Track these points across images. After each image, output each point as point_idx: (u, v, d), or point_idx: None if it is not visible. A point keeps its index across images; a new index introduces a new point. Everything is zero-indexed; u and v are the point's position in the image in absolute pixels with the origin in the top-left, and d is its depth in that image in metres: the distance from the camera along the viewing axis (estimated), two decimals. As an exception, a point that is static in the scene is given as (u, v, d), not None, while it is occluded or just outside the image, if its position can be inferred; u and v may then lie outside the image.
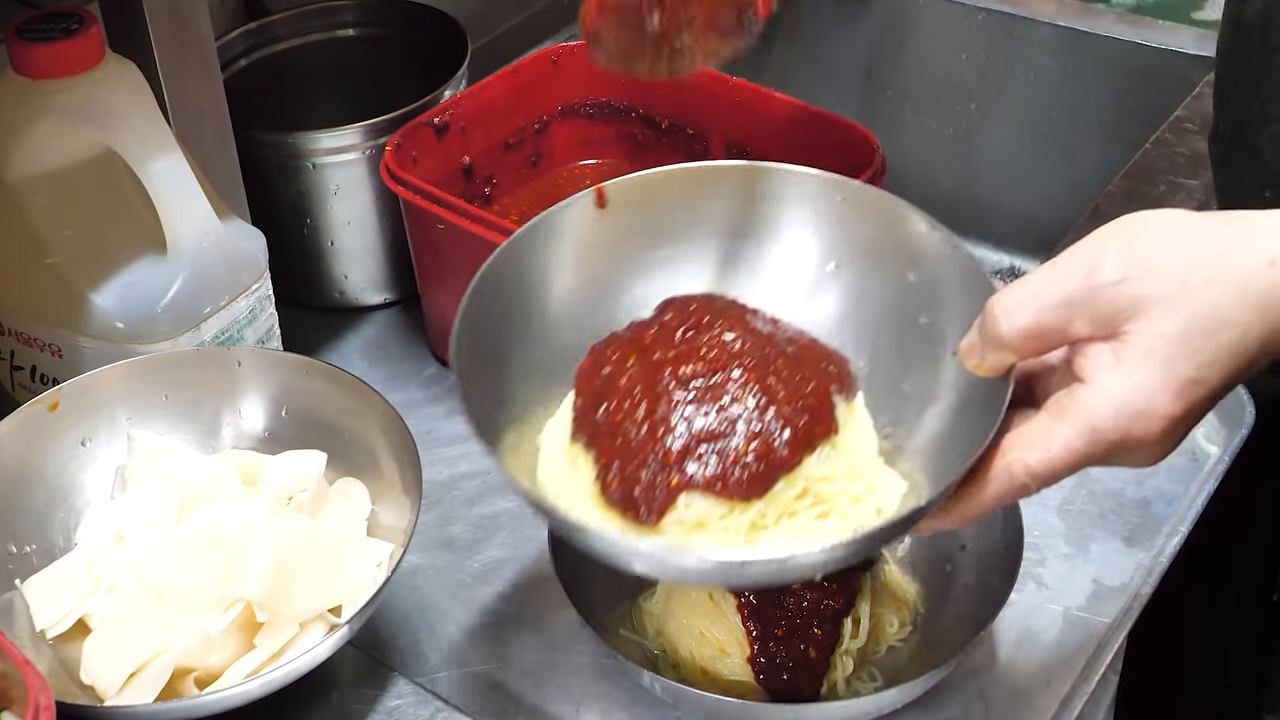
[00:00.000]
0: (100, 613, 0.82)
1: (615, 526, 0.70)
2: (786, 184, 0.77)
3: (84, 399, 0.89)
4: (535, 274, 0.76)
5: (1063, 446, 0.63)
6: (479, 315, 0.72)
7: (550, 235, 0.76)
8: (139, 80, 0.90)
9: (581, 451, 0.72)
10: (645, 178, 0.78)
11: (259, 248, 0.96)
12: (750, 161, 0.78)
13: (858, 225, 0.76)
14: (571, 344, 0.75)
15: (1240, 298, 0.60)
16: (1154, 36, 1.42)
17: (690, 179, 0.78)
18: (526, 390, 0.75)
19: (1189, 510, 0.96)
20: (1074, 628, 0.89)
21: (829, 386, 0.71)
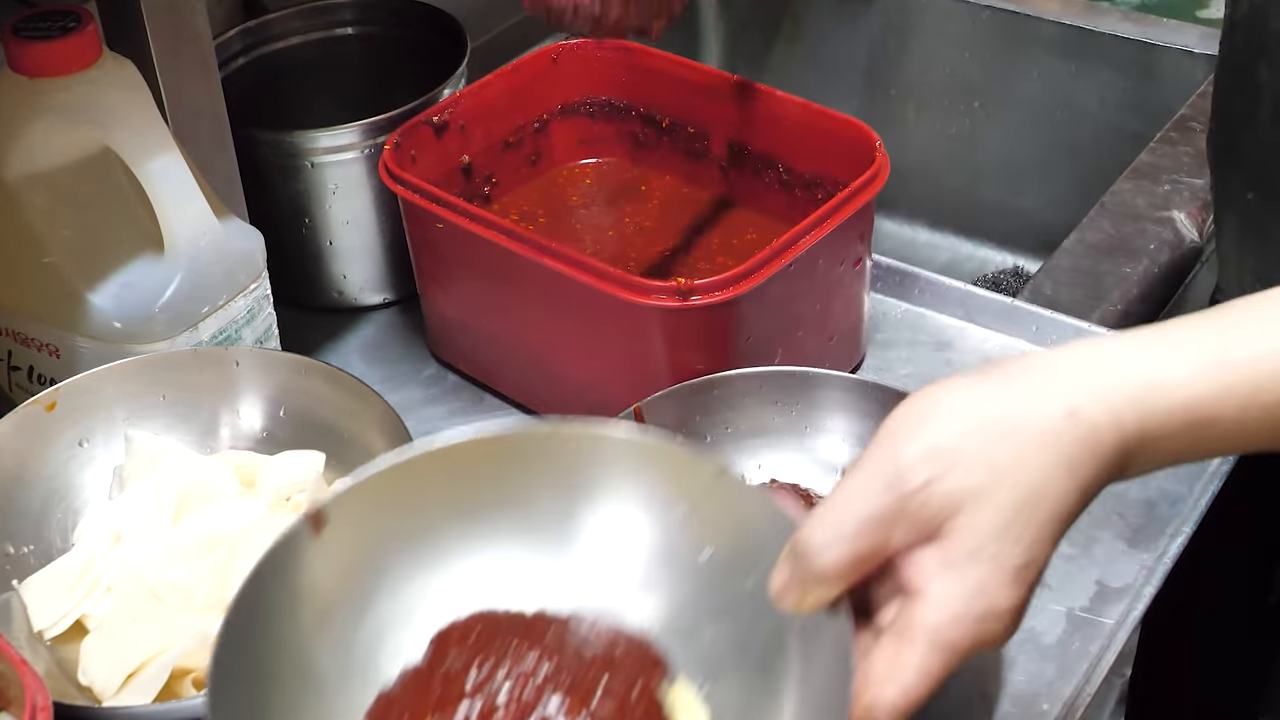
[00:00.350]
0: (98, 613, 0.82)
1: None
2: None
3: (81, 399, 0.89)
4: (276, 626, 0.63)
5: (918, 672, 0.58)
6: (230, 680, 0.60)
7: (275, 579, 0.64)
8: (136, 79, 0.90)
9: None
10: (365, 483, 0.65)
11: (257, 247, 0.96)
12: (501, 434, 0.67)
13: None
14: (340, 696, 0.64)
15: (1049, 464, 0.57)
16: (1159, 34, 1.42)
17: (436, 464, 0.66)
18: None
19: (1192, 511, 0.96)
20: (1077, 629, 0.89)
21: (652, 683, 0.63)
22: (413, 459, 0.66)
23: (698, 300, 0.92)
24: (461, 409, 1.09)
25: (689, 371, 0.95)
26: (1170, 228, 1.21)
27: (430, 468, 0.66)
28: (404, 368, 1.13)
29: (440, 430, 1.06)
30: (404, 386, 1.11)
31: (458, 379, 1.11)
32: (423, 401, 1.09)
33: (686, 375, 0.95)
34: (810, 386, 0.95)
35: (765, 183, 1.10)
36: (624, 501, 0.67)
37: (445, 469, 0.67)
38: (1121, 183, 1.25)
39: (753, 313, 0.95)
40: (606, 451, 0.67)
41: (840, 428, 0.95)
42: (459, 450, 0.66)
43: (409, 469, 0.66)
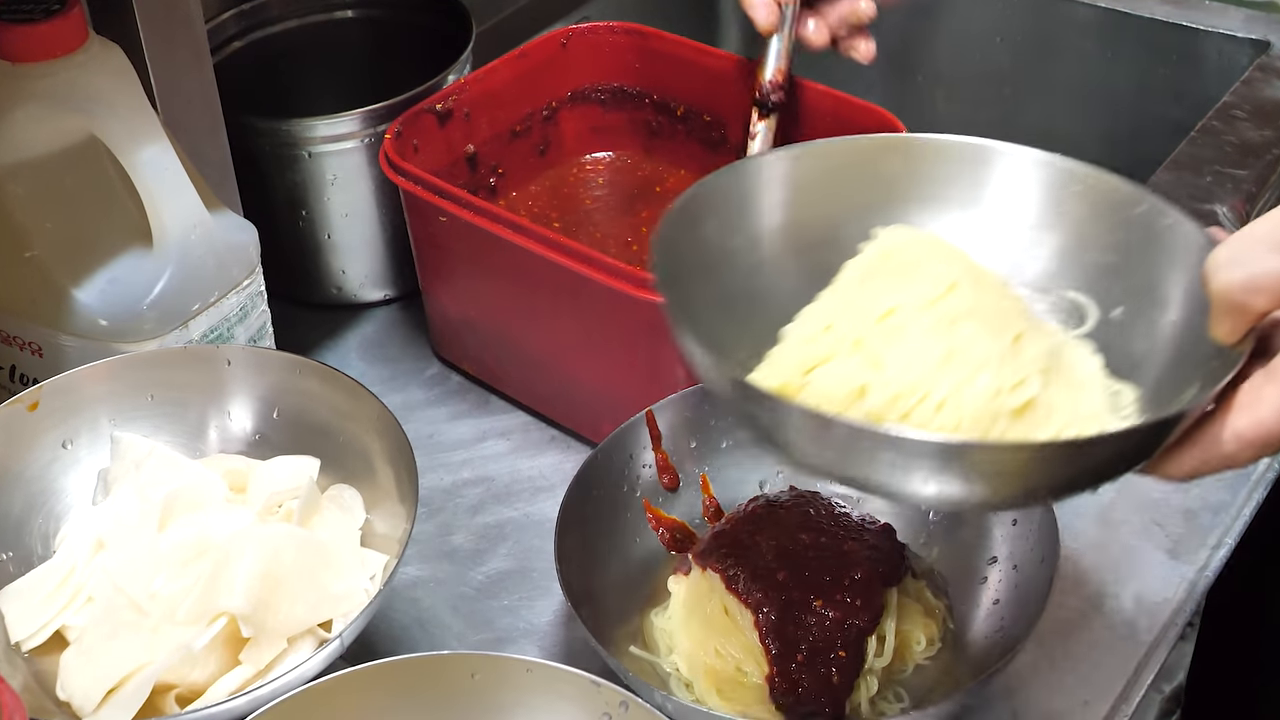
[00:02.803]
0: (78, 625, 0.81)
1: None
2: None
3: (65, 399, 0.88)
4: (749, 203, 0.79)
5: (1272, 409, 0.62)
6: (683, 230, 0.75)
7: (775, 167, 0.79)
8: (124, 64, 0.89)
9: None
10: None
11: (251, 241, 0.96)
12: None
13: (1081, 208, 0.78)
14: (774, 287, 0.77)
15: None
16: (1201, 18, 1.41)
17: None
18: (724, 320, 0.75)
19: (1236, 521, 0.95)
20: (1113, 645, 0.88)
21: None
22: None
23: (713, 297, 0.91)
24: (465, 411, 1.08)
25: (704, 372, 0.94)
26: (1212, 221, 1.20)
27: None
28: (405, 368, 1.12)
29: (442, 434, 1.06)
30: (405, 387, 1.10)
31: (462, 380, 1.10)
32: (425, 403, 1.09)
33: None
34: (831, 388, 0.94)
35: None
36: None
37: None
38: (1161, 174, 1.24)
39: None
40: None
41: (863, 432, 0.94)
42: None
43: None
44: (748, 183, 0.79)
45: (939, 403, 0.69)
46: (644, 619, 0.88)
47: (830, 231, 0.79)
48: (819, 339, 0.73)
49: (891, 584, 0.84)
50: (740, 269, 0.78)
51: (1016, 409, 0.69)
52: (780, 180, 0.79)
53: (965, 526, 0.90)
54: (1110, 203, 0.76)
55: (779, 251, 0.79)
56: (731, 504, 0.93)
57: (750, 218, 0.78)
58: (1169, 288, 0.73)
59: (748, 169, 0.79)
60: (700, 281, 0.75)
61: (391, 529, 0.85)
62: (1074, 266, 0.78)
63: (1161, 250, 0.74)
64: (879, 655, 0.83)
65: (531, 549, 0.97)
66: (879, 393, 0.70)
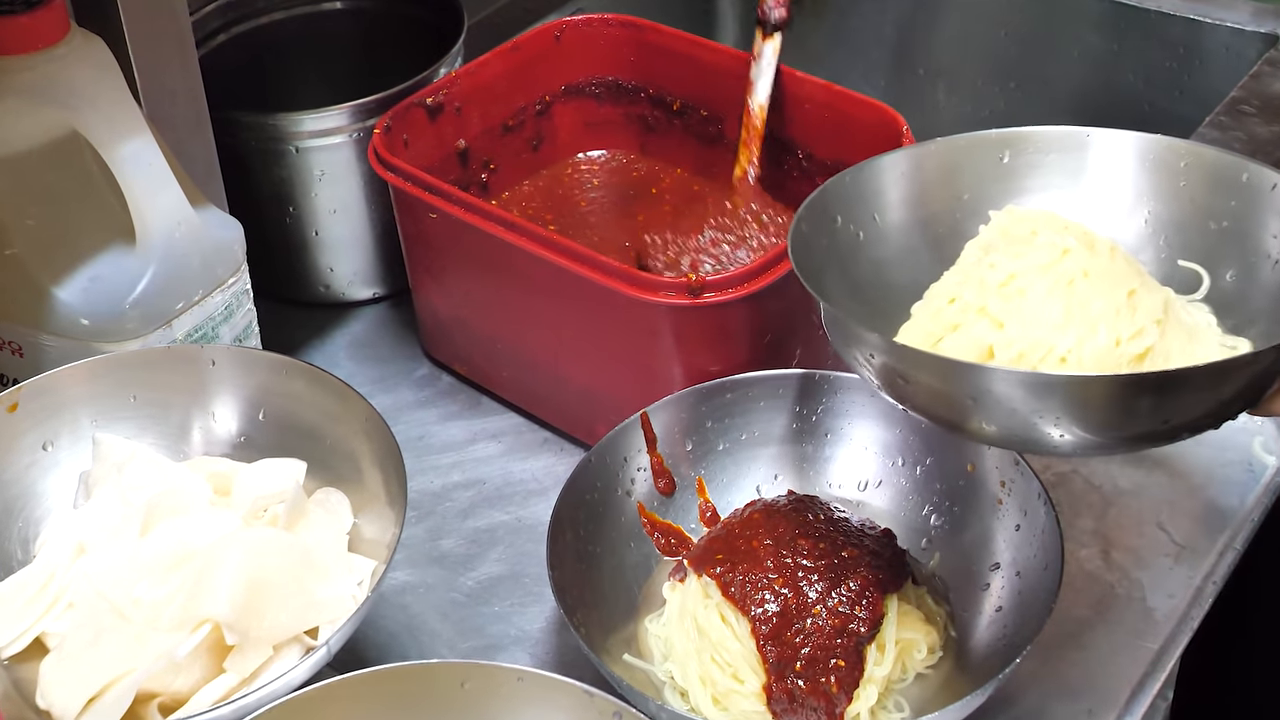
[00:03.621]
0: (59, 631, 0.81)
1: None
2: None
3: (45, 400, 0.88)
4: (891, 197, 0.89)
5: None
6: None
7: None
8: (106, 57, 0.89)
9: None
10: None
11: (236, 238, 0.95)
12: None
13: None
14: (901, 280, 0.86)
15: None
16: (1208, 11, 1.40)
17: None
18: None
19: (1244, 526, 0.94)
20: (1118, 652, 0.87)
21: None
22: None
23: (710, 297, 0.90)
24: (456, 412, 1.07)
25: (700, 374, 0.94)
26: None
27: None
28: (395, 368, 1.12)
29: (432, 435, 1.05)
30: (395, 388, 1.10)
31: (452, 380, 1.10)
32: (415, 404, 1.08)
33: (698, 378, 0.93)
34: (832, 390, 0.94)
35: (784, 170, 1.09)
36: None
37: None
38: (1168, 171, 1.23)
39: (769, 311, 0.94)
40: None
41: (864, 435, 0.94)
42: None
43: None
44: (874, 179, 0.88)
45: (1062, 356, 0.77)
46: (639, 626, 0.88)
47: (951, 222, 0.88)
48: (944, 311, 0.82)
49: (892, 591, 0.84)
50: (868, 261, 0.87)
51: (1137, 355, 0.77)
52: (903, 177, 0.89)
53: (968, 532, 0.89)
54: (1214, 173, 0.84)
55: (904, 243, 0.88)
56: (728, 508, 0.92)
57: (877, 212, 0.88)
58: (1276, 247, 0.81)
59: (872, 168, 0.88)
60: (833, 273, 0.84)
61: (380, 533, 0.84)
62: (1185, 237, 0.86)
63: (1270, 213, 0.81)
64: (879, 664, 0.82)
65: (524, 554, 0.96)
66: (1005, 351, 0.78)
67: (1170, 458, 0.99)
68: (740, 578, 0.84)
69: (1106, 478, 0.98)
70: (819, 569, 0.83)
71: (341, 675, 0.73)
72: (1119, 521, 0.95)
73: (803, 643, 0.81)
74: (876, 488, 0.94)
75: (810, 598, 0.82)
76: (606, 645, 0.85)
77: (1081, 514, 0.96)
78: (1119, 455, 0.97)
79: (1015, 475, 0.87)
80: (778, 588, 0.83)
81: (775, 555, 0.84)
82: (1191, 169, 0.85)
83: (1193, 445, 1.00)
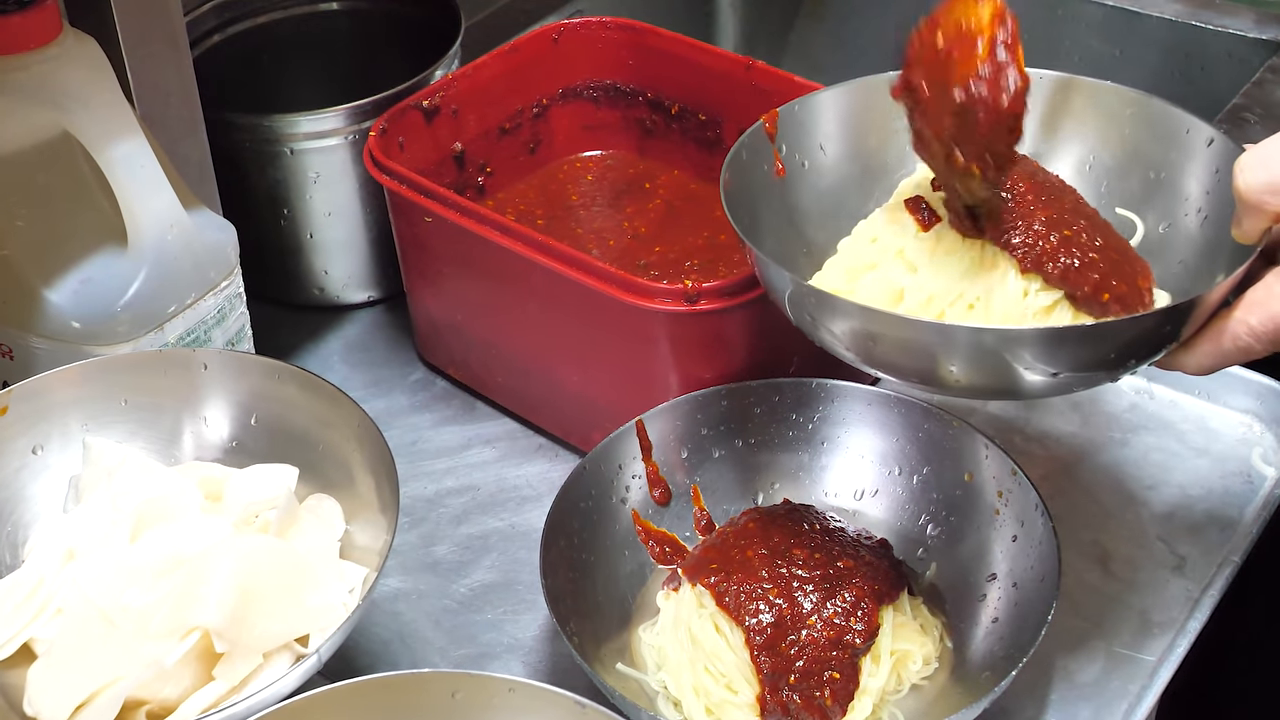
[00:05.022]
0: (47, 637, 0.81)
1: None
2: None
3: (36, 403, 0.87)
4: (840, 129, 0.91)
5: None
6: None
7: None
8: (99, 57, 0.88)
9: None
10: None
11: (229, 241, 0.95)
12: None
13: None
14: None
15: None
16: (1211, 18, 1.40)
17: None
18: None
19: (1244, 538, 0.94)
20: (1116, 665, 0.87)
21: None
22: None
23: (706, 305, 0.90)
24: (451, 417, 1.07)
25: (696, 381, 0.93)
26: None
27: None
28: (389, 372, 1.12)
29: (426, 441, 1.05)
30: (389, 392, 1.10)
31: (447, 384, 1.10)
32: (408, 409, 1.08)
33: (694, 385, 0.93)
34: (829, 398, 0.94)
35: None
36: None
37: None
38: (1169, 178, 1.23)
39: (766, 318, 0.93)
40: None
41: (861, 444, 0.94)
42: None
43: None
44: (822, 109, 0.90)
45: (970, 304, 0.79)
46: (632, 635, 0.88)
47: (894, 154, 0.90)
48: (865, 250, 0.84)
49: (887, 602, 0.84)
50: (811, 190, 0.90)
51: (1045, 308, 0.78)
52: (850, 108, 0.90)
53: (964, 542, 0.89)
54: (1158, 124, 0.86)
55: (846, 174, 0.91)
56: (723, 516, 0.92)
57: (824, 142, 0.90)
58: (1208, 202, 0.83)
59: (821, 98, 0.90)
60: (772, 203, 0.87)
61: (372, 540, 0.84)
62: (1124, 185, 0.88)
63: (1204, 168, 0.83)
64: (874, 675, 0.82)
65: (517, 561, 0.96)
66: (915, 295, 0.80)
67: (1169, 469, 0.99)
68: (735, 587, 0.84)
69: (1105, 489, 0.98)
70: (814, 579, 0.83)
71: (331, 684, 0.73)
72: (1117, 533, 0.95)
73: (797, 654, 0.81)
74: (873, 497, 0.94)
75: (805, 608, 0.82)
76: (600, 654, 0.85)
77: (1080, 525, 0.96)
78: (1020, 400, 1.00)
79: (1013, 486, 0.87)
80: (772, 598, 0.83)
81: (770, 565, 0.84)
82: (1137, 118, 0.87)
83: (1192, 457, 1.00)
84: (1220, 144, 0.83)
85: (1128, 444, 1.01)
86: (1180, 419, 1.03)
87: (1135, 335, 0.75)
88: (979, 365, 0.75)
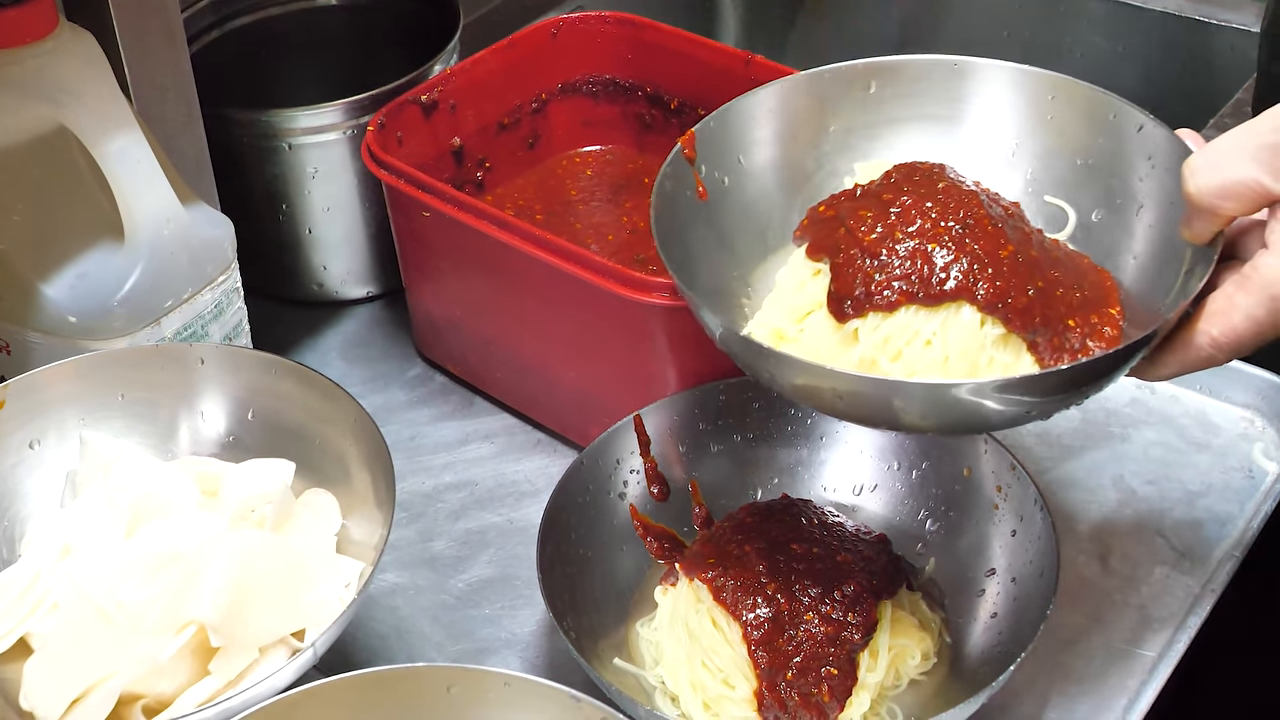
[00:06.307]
0: (43, 632, 0.81)
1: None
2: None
3: (32, 398, 0.87)
4: (758, 136, 0.87)
5: (1244, 316, 0.69)
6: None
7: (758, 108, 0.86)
8: (96, 52, 0.88)
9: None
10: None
11: (226, 236, 0.95)
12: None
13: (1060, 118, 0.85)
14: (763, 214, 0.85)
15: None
16: (1213, 12, 1.40)
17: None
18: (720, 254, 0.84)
19: (1244, 534, 0.94)
20: (1115, 662, 0.87)
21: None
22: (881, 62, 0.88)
23: (703, 298, 0.90)
24: (449, 413, 1.07)
25: (695, 376, 0.93)
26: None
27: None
28: (388, 367, 1.11)
29: (424, 436, 1.05)
30: (387, 388, 1.10)
31: (445, 380, 1.10)
32: (407, 404, 1.08)
33: (692, 380, 0.93)
34: (826, 393, 0.93)
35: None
36: None
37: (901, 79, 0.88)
38: (1171, 173, 1.23)
39: (764, 312, 0.93)
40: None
41: (859, 438, 0.94)
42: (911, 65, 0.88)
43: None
44: (738, 121, 0.86)
45: (927, 340, 0.76)
46: (630, 630, 0.88)
47: (818, 156, 0.86)
48: (808, 285, 0.80)
49: (886, 597, 0.84)
50: (735, 206, 0.85)
51: (1001, 337, 0.76)
52: (769, 114, 0.86)
53: (963, 537, 0.89)
54: (1084, 109, 0.83)
55: (771, 185, 0.86)
56: (722, 511, 0.92)
57: (742, 154, 0.86)
58: (1142, 190, 0.80)
59: (736, 109, 0.86)
60: (699, 228, 0.83)
61: (368, 535, 0.84)
62: (1052, 173, 0.85)
63: (1136, 154, 0.80)
64: (872, 670, 0.82)
65: (515, 556, 0.96)
66: (871, 335, 0.77)
67: (1169, 464, 0.99)
68: (732, 582, 0.83)
69: (1105, 484, 0.98)
70: (812, 574, 0.83)
71: (328, 678, 0.73)
72: (1117, 528, 0.95)
73: (795, 649, 0.81)
74: (871, 492, 0.94)
75: (803, 603, 0.82)
76: (597, 650, 0.85)
77: (1080, 520, 0.95)
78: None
79: (1012, 480, 0.87)
80: (770, 593, 0.82)
81: (768, 560, 0.84)
82: (1060, 103, 0.84)
83: (1192, 452, 1.00)
84: (1151, 130, 0.80)
85: (1128, 439, 1.01)
86: (1181, 414, 1.03)
87: (1100, 369, 0.72)
88: (941, 414, 0.73)
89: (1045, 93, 0.85)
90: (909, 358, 0.76)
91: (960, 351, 0.76)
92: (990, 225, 0.77)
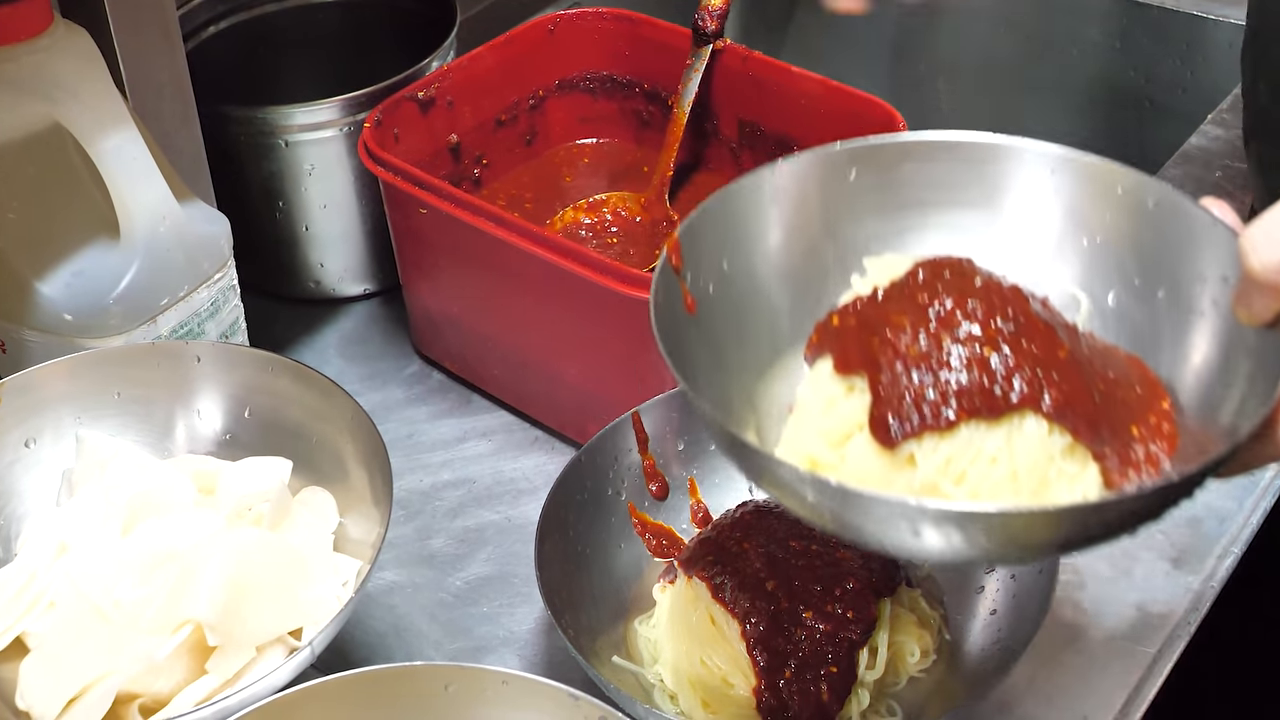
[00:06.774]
0: (39, 631, 0.80)
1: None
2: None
3: (28, 396, 0.87)
4: (743, 235, 0.76)
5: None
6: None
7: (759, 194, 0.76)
8: (91, 48, 0.88)
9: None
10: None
11: (222, 233, 0.95)
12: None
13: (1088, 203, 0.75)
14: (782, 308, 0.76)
15: None
16: (1211, 6, 1.40)
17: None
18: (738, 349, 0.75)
19: (1243, 530, 0.94)
20: (1114, 657, 0.87)
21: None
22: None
23: (701, 294, 0.90)
24: (446, 410, 1.07)
25: (692, 372, 0.93)
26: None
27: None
28: (385, 365, 1.11)
29: (421, 434, 1.05)
30: (385, 385, 1.09)
31: (443, 377, 1.09)
32: (405, 402, 1.08)
33: (689, 376, 0.93)
34: (825, 390, 0.93)
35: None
36: None
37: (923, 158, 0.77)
38: (1169, 169, 1.23)
39: (762, 309, 0.93)
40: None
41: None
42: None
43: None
44: (746, 203, 0.76)
45: (992, 457, 0.67)
46: (628, 628, 0.88)
47: (818, 256, 0.76)
48: (839, 404, 0.70)
49: (885, 594, 0.84)
50: (723, 319, 0.74)
51: (1068, 446, 0.67)
52: (739, 211, 0.76)
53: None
54: (1122, 196, 0.73)
55: (784, 272, 0.76)
56: (720, 509, 0.92)
57: (722, 259, 0.75)
58: (1196, 277, 0.70)
59: (744, 187, 0.75)
60: (693, 338, 0.73)
61: (365, 533, 0.84)
62: (1099, 264, 0.75)
63: (1186, 240, 0.71)
64: (871, 668, 0.82)
65: (513, 554, 0.96)
66: (929, 459, 0.67)
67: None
68: (731, 580, 0.83)
69: (1104, 480, 0.98)
70: (811, 571, 0.83)
71: (326, 676, 0.72)
72: (1116, 524, 0.95)
73: (794, 647, 0.81)
74: (870, 489, 0.93)
75: (802, 601, 0.82)
76: (595, 647, 0.85)
77: (1078, 516, 0.95)
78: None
79: (1011, 477, 0.86)
80: (769, 590, 0.82)
81: (767, 557, 0.84)
82: (1100, 189, 0.74)
83: (1192, 447, 1.00)
84: (1169, 204, 0.71)
85: (1127, 435, 1.01)
86: (1180, 410, 1.03)
87: (1172, 494, 0.65)
88: (1019, 544, 0.65)
89: (1082, 180, 0.75)
90: (973, 479, 0.67)
91: (1029, 467, 0.67)
92: (1041, 324, 0.68)
